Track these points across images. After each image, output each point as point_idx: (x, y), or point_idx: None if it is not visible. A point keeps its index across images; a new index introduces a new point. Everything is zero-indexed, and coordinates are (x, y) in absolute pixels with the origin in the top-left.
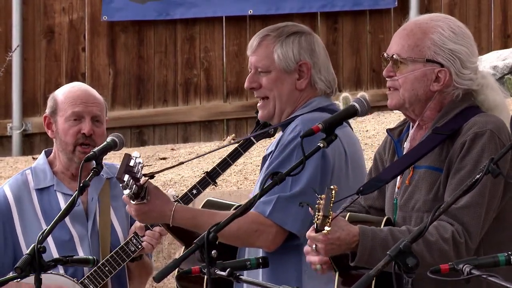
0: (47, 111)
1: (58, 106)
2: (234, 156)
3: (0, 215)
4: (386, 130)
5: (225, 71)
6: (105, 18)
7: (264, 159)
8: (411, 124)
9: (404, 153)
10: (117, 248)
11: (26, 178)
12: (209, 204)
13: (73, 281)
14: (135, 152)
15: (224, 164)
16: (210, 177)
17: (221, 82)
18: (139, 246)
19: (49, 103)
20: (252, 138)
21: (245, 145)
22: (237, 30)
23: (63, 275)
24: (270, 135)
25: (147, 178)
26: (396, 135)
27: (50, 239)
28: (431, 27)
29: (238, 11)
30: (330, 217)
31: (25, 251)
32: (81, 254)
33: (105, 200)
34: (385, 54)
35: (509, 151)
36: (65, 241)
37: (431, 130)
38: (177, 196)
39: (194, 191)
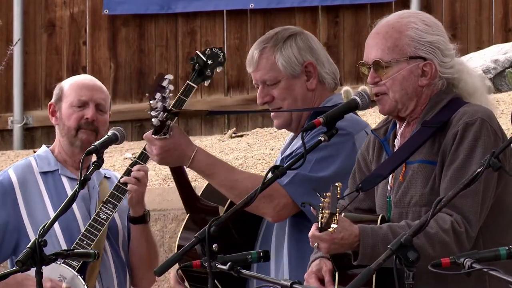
0: (53, 99)
1: (63, 93)
2: (186, 93)
3: (4, 196)
4: (371, 130)
5: (226, 65)
6: (106, 11)
7: (283, 161)
8: (397, 122)
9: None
10: (89, 221)
11: (30, 163)
12: (209, 190)
13: (56, 263)
14: (169, 75)
15: (179, 103)
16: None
17: (222, 76)
18: (110, 214)
19: (55, 91)
20: (190, 83)
21: (186, 91)
22: (238, 24)
23: None
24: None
25: (173, 111)
26: (381, 134)
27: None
28: (404, 24)
29: (239, 5)
30: (337, 214)
31: (31, 233)
32: None
33: (104, 191)
34: (363, 62)
35: (510, 145)
36: (70, 222)
37: (420, 124)
38: (134, 157)
39: None
